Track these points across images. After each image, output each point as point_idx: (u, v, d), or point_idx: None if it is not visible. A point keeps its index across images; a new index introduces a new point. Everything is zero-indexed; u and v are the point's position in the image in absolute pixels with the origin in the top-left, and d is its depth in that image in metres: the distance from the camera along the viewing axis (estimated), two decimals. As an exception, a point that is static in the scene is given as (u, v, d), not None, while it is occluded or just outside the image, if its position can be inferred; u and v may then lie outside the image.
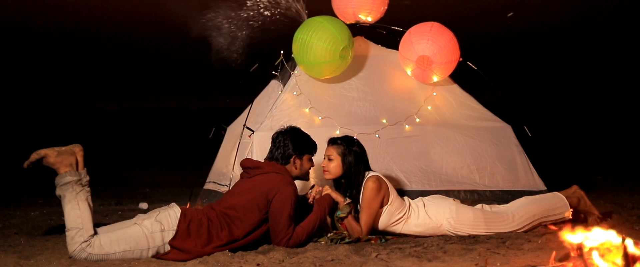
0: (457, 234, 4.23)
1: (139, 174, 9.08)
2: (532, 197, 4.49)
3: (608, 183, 6.94)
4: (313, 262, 3.57)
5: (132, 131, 15.61)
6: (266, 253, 3.74)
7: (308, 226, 3.94)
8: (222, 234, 3.78)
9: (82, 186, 3.75)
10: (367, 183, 4.11)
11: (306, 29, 4.83)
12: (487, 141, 5.02)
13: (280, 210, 3.83)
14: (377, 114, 5.01)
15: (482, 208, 4.36)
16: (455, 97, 5.23)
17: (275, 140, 4.06)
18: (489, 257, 3.58)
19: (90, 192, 3.79)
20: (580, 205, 4.49)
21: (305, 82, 5.03)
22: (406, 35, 5.12)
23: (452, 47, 4.99)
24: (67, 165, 3.75)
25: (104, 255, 3.64)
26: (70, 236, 3.64)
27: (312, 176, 4.56)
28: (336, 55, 4.78)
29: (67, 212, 3.67)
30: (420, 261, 3.55)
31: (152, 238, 3.70)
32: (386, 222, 4.19)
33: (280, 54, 5.11)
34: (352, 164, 4.15)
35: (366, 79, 5.19)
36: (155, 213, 3.81)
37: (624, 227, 4.39)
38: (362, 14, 5.21)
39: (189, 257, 3.71)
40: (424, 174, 4.83)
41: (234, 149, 4.90)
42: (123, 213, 5.55)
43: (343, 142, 4.19)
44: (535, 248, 3.78)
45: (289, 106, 4.91)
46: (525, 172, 4.98)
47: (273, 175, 3.92)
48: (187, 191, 5.87)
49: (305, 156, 4.07)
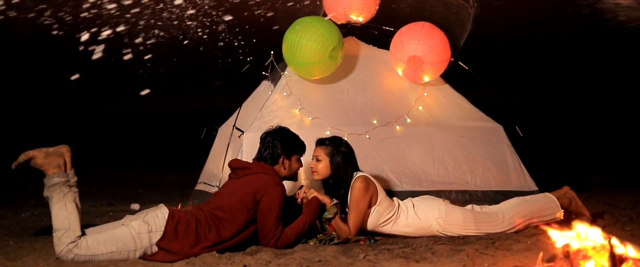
0: (447, 234, 4.21)
1: (133, 174, 9.05)
2: (523, 198, 4.47)
3: (602, 183, 6.91)
4: (300, 263, 3.56)
5: (127, 131, 15.60)
6: (254, 254, 3.72)
7: (297, 228, 3.93)
8: (210, 235, 3.77)
9: (70, 187, 3.75)
10: (355, 183, 4.10)
11: (295, 30, 4.82)
12: (478, 141, 5.01)
13: (268, 211, 3.81)
14: (368, 114, 4.99)
15: (472, 209, 4.34)
16: (446, 97, 5.21)
17: (263, 140, 4.05)
18: (476, 258, 3.57)
19: (78, 193, 3.79)
20: (572, 206, 4.46)
21: (296, 82, 5.02)
22: (397, 35, 5.11)
23: (443, 47, 4.98)
24: (55, 166, 3.75)
25: (91, 256, 3.63)
26: (57, 236, 3.64)
27: (303, 177, 4.55)
28: (325, 55, 4.77)
29: (54, 213, 3.68)
30: (408, 262, 3.54)
31: (139, 239, 3.69)
32: (375, 222, 4.17)
33: (271, 55, 5.10)
34: (340, 164, 4.14)
35: (357, 79, 5.17)
36: (143, 214, 3.80)
37: (615, 228, 4.37)
38: (353, 14, 5.20)
39: (176, 258, 3.70)
40: (415, 174, 4.82)
41: (225, 150, 4.88)
42: (114, 214, 5.52)
43: (331, 143, 4.18)
44: (524, 249, 3.76)
45: (279, 107, 4.90)
46: (516, 173, 4.97)
47: (261, 175, 3.90)
48: (181, 192, 5.85)
49: (294, 156, 4.06)
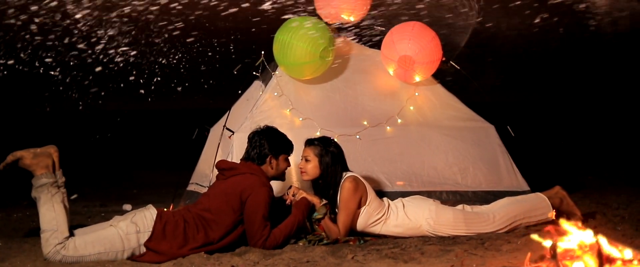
0: (437, 234, 4.20)
1: (128, 174, 9.04)
2: (513, 198, 4.45)
3: (597, 183, 6.89)
4: (288, 264, 3.54)
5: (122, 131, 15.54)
6: (242, 255, 3.71)
7: (286, 229, 3.91)
8: (198, 236, 3.76)
9: (58, 188, 3.75)
10: (344, 183, 4.08)
11: (286, 30, 4.81)
12: (469, 141, 4.99)
13: (254, 211, 3.80)
14: (359, 115, 4.97)
15: (463, 209, 4.32)
16: (438, 97, 5.19)
17: (251, 140, 4.04)
18: (465, 258, 3.56)
19: (67, 193, 3.78)
20: (563, 205, 4.44)
21: (287, 83, 5.00)
22: (388, 35, 5.09)
23: (434, 47, 4.96)
24: (44, 167, 3.75)
25: (78, 257, 3.63)
26: (45, 238, 3.64)
27: (294, 178, 4.53)
28: (316, 55, 4.76)
29: (42, 214, 3.68)
30: (396, 263, 3.52)
31: (127, 240, 3.68)
32: (364, 222, 4.16)
33: (261, 55, 5.08)
34: (329, 164, 4.13)
35: (348, 79, 5.15)
36: (131, 215, 3.80)
37: (606, 228, 4.34)
38: (345, 13, 5.18)
39: (164, 259, 3.69)
40: (406, 175, 4.80)
41: (216, 150, 4.87)
42: (106, 215, 5.50)
43: (320, 143, 4.17)
44: (513, 249, 3.74)
45: (270, 107, 4.89)
46: (508, 173, 4.95)
47: (247, 176, 3.89)
48: (178, 193, 5.84)
49: (281, 156, 4.04)
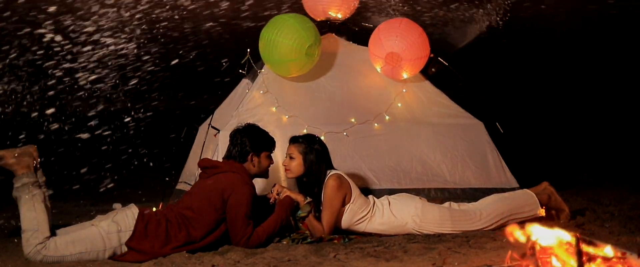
0: (423, 232, 4.15)
1: (123, 174, 9.03)
2: (501, 195, 4.40)
3: (591, 180, 6.85)
4: (269, 262, 3.51)
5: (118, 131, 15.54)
6: (224, 254, 3.69)
7: (269, 227, 3.89)
8: (180, 235, 3.73)
9: (39, 187, 3.73)
10: (328, 181, 4.05)
11: (272, 27, 4.78)
12: (458, 138, 4.96)
13: (236, 210, 3.77)
14: (346, 112, 4.94)
15: (449, 206, 4.28)
16: (426, 94, 5.15)
17: (232, 138, 4.01)
18: (447, 256, 3.52)
19: (47, 192, 3.76)
20: (551, 202, 4.40)
21: (273, 80, 4.97)
22: (375, 31, 5.06)
23: (422, 43, 4.92)
24: (25, 166, 3.74)
25: (59, 257, 3.61)
26: (25, 237, 3.62)
27: (283, 177, 4.50)
28: (302, 53, 4.73)
29: (22, 214, 3.67)
30: (378, 261, 3.49)
31: (108, 239, 3.66)
32: (349, 220, 4.12)
33: (247, 53, 5.05)
34: (314, 162, 4.09)
35: (335, 76, 5.13)
36: (113, 214, 3.78)
37: (595, 225, 4.30)
38: (332, 11, 5.15)
39: (146, 258, 3.66)
40: (394, 172, 4.77)
41: (201, 149, 4.85)
42: (95, 214, 5.49)
43: (304, 141, 4.14)
44: (497, 247, 3.70)
45: (257, 105, 4.86)
46: (497, 170, 4.91)
47: (229, 174, 3.86)
48: (167, 192, 5.82)
49: (263, 153, 4.01)
